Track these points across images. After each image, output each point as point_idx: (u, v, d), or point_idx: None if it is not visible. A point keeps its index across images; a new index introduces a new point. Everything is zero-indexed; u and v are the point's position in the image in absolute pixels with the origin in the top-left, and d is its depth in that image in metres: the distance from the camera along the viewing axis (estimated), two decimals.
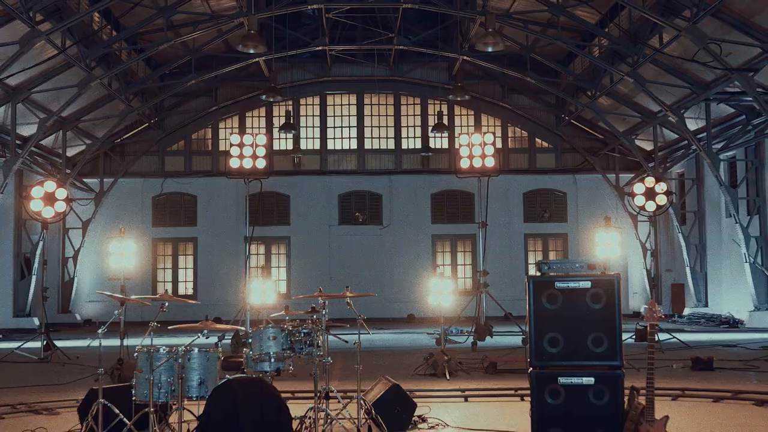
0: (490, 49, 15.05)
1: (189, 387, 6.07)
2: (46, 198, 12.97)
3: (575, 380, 5.38)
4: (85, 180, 25.50)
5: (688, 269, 23.35)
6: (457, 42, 23.40)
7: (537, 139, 27.18)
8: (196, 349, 6.15)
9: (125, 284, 26.72)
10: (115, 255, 11.01)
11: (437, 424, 7.00)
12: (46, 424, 7.08)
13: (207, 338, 6.66)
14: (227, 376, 6.11)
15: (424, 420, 7.09)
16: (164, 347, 6.13)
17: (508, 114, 26.92)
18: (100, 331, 6.20)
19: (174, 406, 6.14)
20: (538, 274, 5.63)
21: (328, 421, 6.40)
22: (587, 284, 5.49)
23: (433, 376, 10.29)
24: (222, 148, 26.59)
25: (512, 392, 8.62)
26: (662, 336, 14.24)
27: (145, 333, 6.20)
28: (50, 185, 13.08)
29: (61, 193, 13.04)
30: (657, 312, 5.25)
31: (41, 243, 23.08)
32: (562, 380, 5.42)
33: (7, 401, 8.39)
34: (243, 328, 6.93)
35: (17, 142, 19.51)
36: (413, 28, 24.25)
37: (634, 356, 12.38)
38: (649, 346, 5.29)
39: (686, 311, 23.33)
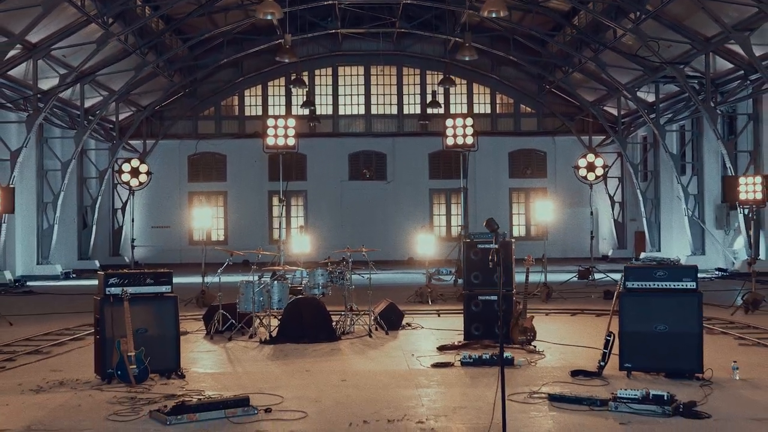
0: (467, 58, 19.11)
1: (273, 302, 10.53)
2: (132, 171, 17.29)
3: (487, 297, 9.77)
4: (130, 142, 29.66)
5: (644, 220, 27.69)
6: (452, 22, 27.26)
7: (522, 105, 31.23)
8: (276, 282, 10.58)
9: (166, 231, 30.86)
10: (198, 218, 15.27)
11: (417, 327, 11.47)
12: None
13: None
14: (293, 296, 10.56)
15: (409, 325, 11.52)
16: (257, 280, 10.56)
17: (496, 83, 30.90)
18: (219, 271, 10.63)
19: (263, 315, 10.59)
20: (468, 240, 10.02)
21: (352, 323, 10.88)
22: (495, 245, 9.81)
23: (420, 302, 14.75)
24: (247, 113, 30.85)
25: None
26: (598, 276, 18.65)
27: (250, 271, 10.64)
28: (135, 162, 17.40)
29: (143, 167, 17.37)
30: (530, 261, 9.63)
31: (99, 198, 27.58)
32: (480, 297, 9.83)
33: None
34: (301, 268, 11.28)
35: (77, 113, 23.71)
36: (413, 8, 27.99)
37: (570, 289, 16.85)
38: (525, 281, 9.66)
39: (643, 255, 27.67)
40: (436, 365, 8.42)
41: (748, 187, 13.97)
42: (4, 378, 8.11)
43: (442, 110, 29.51)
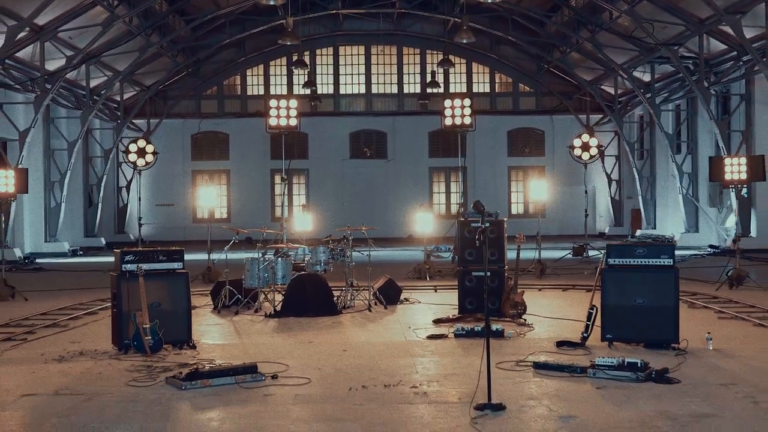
0: (464, 41, 19.51)
1: (277, 278, 11.09)
2: (139, 152, 17.78)
3: (480, 273, 10.31)
4: (134, 121, 30.07)
5: (640, 197, 28.18)
6: (451, 2, 27.55)
7: (520, 84, 31.62)
8: (280, 259, 11.12)
9: (170, 209, 31.29)
10: (203, 197, 15.80)
11: (414, 302, 12.06)
12: None
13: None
14: (296, 273, 11.10)
15: (407, 300, 12.10)
16: (263, 257, 11.09)
17: (495, 63, 31.27)
18: (225, 248, 11.15)
19: (268, 290, 11.14)
20: (462, 219, 10.54)
21: (352, 298, 11.44)
22: (488, 224, 10.31)
23: (418, 278, 15.31)
24: (250, 93, 31.28)
25: None
26: (592, 253, 19.20)
27: (255, 248, 11.16)
28: (142, 143, 17.88)
29: (150, 147, 17.84)
30: (521, 239, 10.14)
31: (105, 177, 28.08)
32: (474, 273, 10.40)
33: None
34: (303, 246, 11.83)
35: (83, 93, 24.14)
36: None
37: (564, 266, 17.40)
38: (516, 258, 10.18)
39: (638, 232, 28.16)
40: (431, 337, 8.98)
41: (734, 168, 14.46)
42: (27, 349, 8.67)
43: (441, 89, 29.90)
